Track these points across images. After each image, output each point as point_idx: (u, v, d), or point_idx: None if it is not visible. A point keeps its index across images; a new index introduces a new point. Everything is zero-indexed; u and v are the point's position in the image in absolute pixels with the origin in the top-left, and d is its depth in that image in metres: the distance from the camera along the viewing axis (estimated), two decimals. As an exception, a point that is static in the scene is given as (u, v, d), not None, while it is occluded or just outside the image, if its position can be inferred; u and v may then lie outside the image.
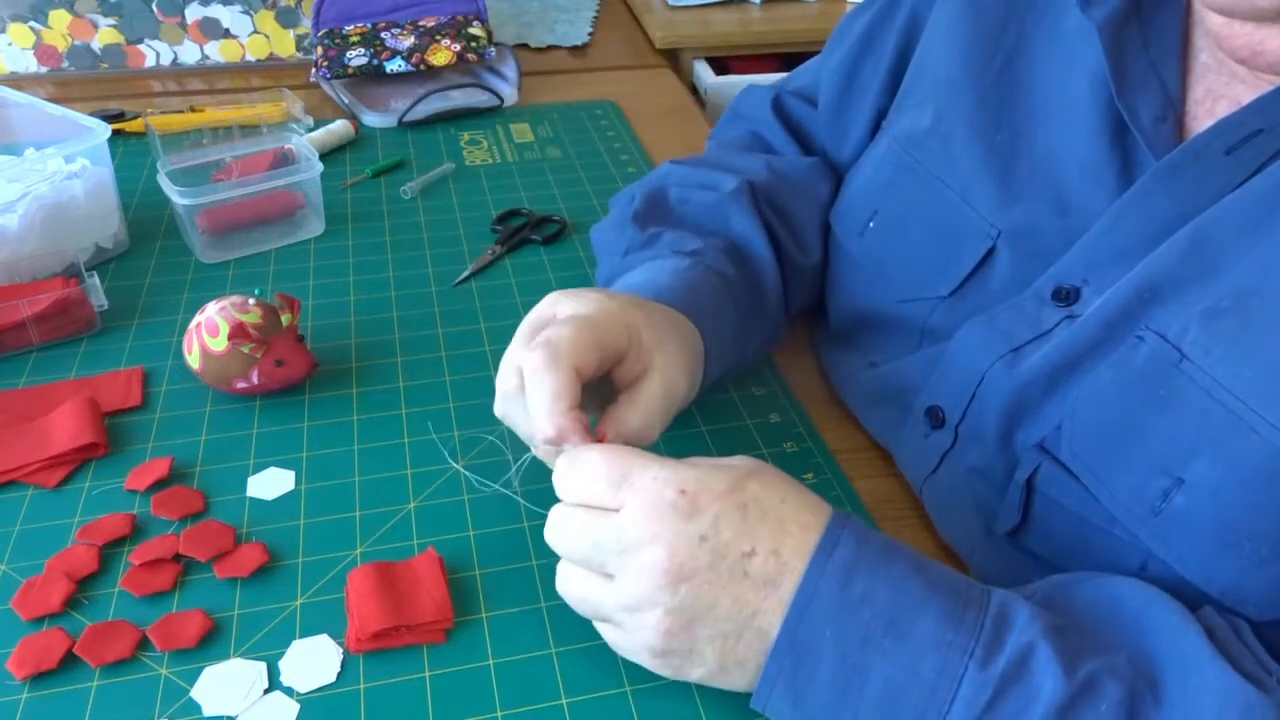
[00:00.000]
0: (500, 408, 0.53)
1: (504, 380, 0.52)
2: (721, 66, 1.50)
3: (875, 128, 0.70)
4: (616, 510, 0.44)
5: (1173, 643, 0.40)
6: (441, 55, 1.14)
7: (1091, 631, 0.42)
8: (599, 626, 0.47)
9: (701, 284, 0.59)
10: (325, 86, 1.14)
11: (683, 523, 0.42)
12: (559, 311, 0.52)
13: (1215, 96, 0.51)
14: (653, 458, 0.45)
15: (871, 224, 0.65)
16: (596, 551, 0.44)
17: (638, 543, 0.43)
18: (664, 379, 0.52)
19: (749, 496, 0.43)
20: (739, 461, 0.46)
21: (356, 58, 1.12)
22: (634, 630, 0.44)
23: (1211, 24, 0.49)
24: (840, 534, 0.43)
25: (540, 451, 0.51)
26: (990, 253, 0.57)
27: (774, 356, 0.74)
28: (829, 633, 0.41)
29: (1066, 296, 0.51)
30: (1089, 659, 0.40)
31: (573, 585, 0.46)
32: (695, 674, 0.45)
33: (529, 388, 0.47)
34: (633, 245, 0.65)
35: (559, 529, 0.46)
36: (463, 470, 0.62)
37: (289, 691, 0.49)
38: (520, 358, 0.49)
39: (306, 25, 1.22)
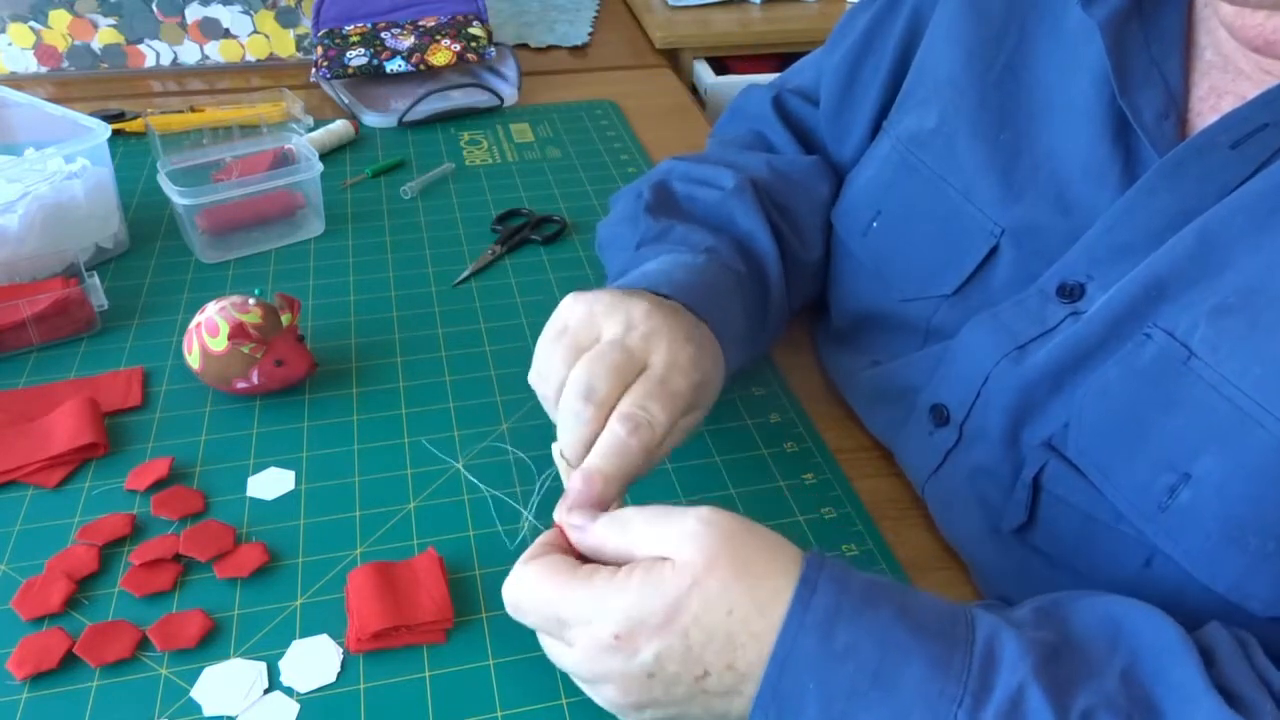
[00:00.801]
0: (542, 388, 0.51)
1: (576, 393, 0.48)
2: (721, 66, 1.50)
3: (876, 127, 0.70)
4: (570, 646, 0.43)
5: (1171, 667, 0.39)
6: (441, 55, 1.14)
7: (1084, 649, 0.41)
8: None
9: (717, 282, 0.59)
10: (325, 86, 1.14)
11: (624, 663, 0.41)
12: (651, 351, 0.49)
13: (1220, 93, 0.50)
14: (585, 584, 0.42)
15: (875, 224, 0.65)
16: (568, 671, 0.45)
17: (591, 680, 0.43)
18: (691, 421, 0.52)
19: (689, 621, 0.40)
20: (683, 561, 0.41)
21: (356, 58, 1.12)
22: None
23: (1224, 14, 0.49)
24: (818, 580, 0.41)
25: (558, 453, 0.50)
26: (993, 251, 0.57)
27: (774, 356, 0.74)
28: (812, 685, 0.39)
29: (1071, 293, 0.51)
30: (1082, 691, 0.38)
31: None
32: None
33: (611, 444, 0.47)
34: (645, 237, 0.64)
35: (540, 640, 0.46)
36: (463, 470, 0.62)
37: (289, 691, 0.49)
38: (618, 409, 0.48)
39: (306, 25, 1.22)
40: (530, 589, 0.44)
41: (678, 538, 0.42)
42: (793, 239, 0.68)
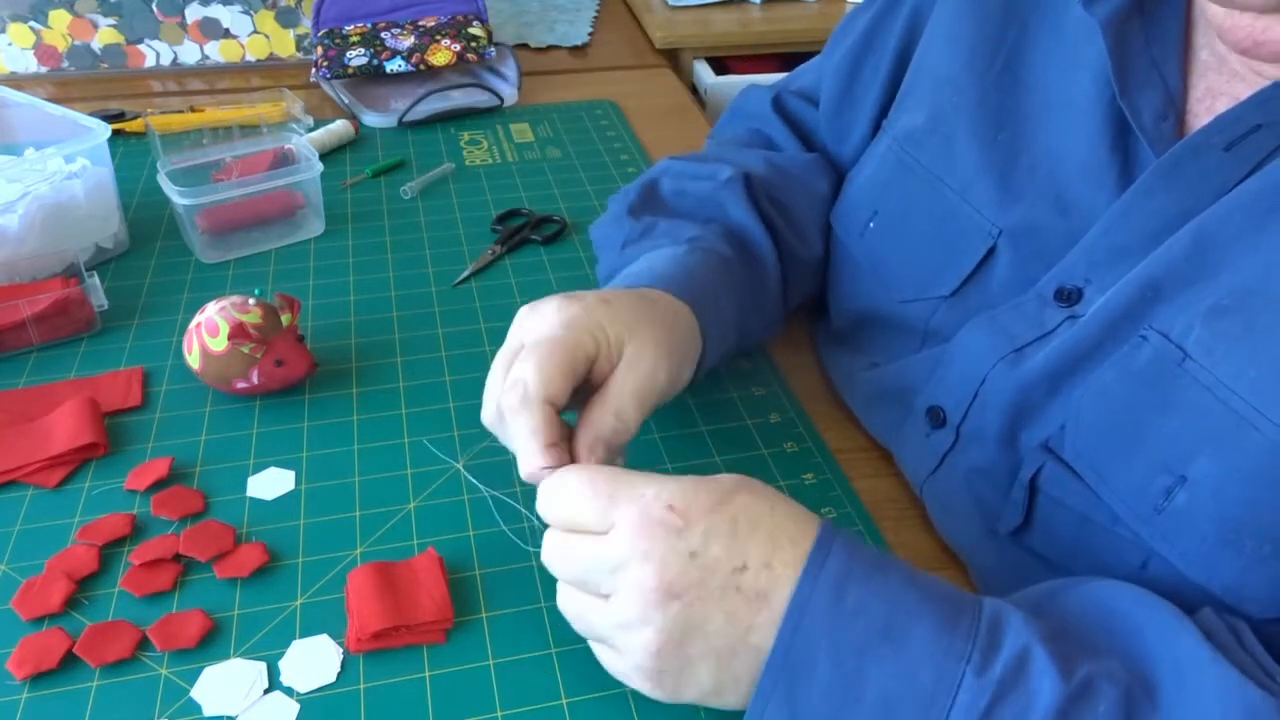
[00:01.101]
0: (490, 428, 0.54)
1: (486, 411, 0.53)
2: (721, 66, 1.50)
3: (876, 127, 0.70)
4: (605, 532, 0.43)
5: (1166, 644, 0.40)
6: (441, 55, 1.14)
7: (1080, 636, 0.41)
8: (595, 649, 0.47)
9: (699, 268, 0.59)
10: (325, 86, 1.14)
11: (672, 539, 0.42)
12: (525, 336, 0.52)
13: (1215, 94, 0.50)
14: (636, 475, 0.45)
15: (872, 224, 0.65)
16: (589, 574, 0.44)
17: (627, 561, 0.42)
18: (635, 371, 0.51)
19: (738, 509, 0.43)
20: (724, 477, 0.45)
21: (356, 58, 1.12)
22: (627, 650, 0.43)
23: (1212, 16, 0.49)
24: (831, 544, 0.42)
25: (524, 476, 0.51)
26: (991, 252, 0.57)
27: (774, 356, 0.74)
28: (824, 643, 0.40)
29: (1069, 297, 0.51)
30: (1084, 662, 0.39)
31: (570, 604, 0.46)
32: (689, 694, 0.44)
33: (508, 427, 0.50)
34: (629, 238, 0.66)
35: (552, 554, 0.46)
36: (463, 470, 0.62)
37: (289, 691, 0.49)
38: (497, 394, 0.51)
39: (306, 25, 1.22)
40: (576, 479, 0.45)
41: (715, 476, 0.45)
42: (789, 234, 0.68)
